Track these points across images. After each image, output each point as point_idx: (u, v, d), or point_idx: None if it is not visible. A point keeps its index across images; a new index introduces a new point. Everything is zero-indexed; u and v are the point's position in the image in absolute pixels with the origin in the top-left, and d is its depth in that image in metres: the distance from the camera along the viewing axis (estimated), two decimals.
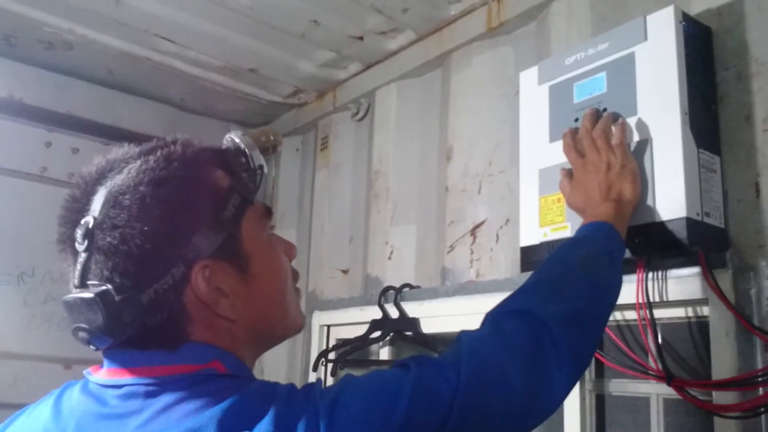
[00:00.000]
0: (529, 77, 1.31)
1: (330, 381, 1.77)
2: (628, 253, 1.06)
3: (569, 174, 1.11)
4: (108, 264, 0.66)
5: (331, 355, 1.77)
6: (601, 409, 1.24)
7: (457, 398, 0.65)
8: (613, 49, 1.15)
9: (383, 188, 1.82)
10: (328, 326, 1.90)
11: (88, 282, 0.67)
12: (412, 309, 1.60)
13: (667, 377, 1.06)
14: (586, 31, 1.38)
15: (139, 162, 0.72)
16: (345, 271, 1.92)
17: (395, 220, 1.76)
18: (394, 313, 1.63)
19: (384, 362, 1.67)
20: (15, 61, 2.02)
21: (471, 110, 1.61)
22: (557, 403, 0.77)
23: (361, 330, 1.71)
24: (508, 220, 1.46)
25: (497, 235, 1.47)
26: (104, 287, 0.65)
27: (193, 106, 2.30)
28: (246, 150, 0.78)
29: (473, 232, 1.53)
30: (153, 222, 0.67)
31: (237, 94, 2.15)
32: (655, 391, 1.15)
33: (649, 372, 1.09)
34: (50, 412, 0.71)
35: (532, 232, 1.21)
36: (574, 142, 1.10)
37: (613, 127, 1.07)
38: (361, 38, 1.79)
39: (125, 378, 0.68)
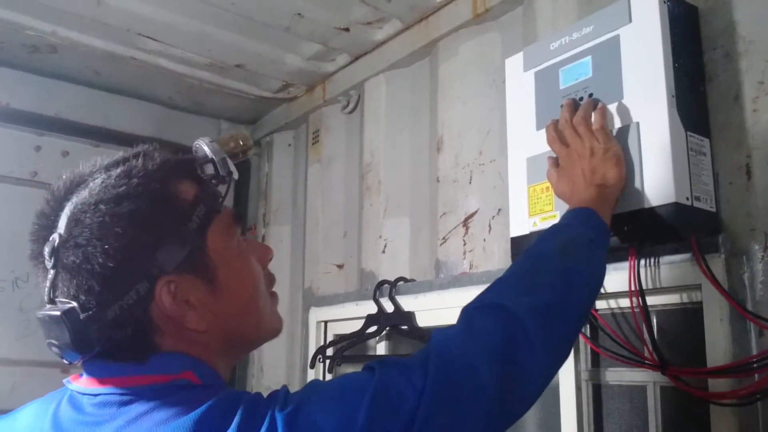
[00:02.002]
0: (514, 64, 1.28)
1: (328, 377, 1.76)
2: (618, 241, 1.05)
3: (556, 163, 1.09)
4: (73, 282, 0.67)
5: (329, 352, 1.76)
6: (597, 398, 1.22)
7: (423, 399, 0.64)
8: (597, 33, 1.13)
9: (375, 181, 1.80)
10: (325, 322, 1.89)
11: (56, 299, 0.68)
12: (407, 303, 1.59)
13: (662, 365, 1.04)
14: (572, 15, 1.35)
15: (101, 178, 0.71)
16: (340, 266, 1.91)
17: (388, 213, 1.75)
18: (389, 308, 1.61)
19: (381, 357, 1.66)
20: (0, 66, 2.00)
21: (460, 99, 1.58)
22: (534, 397, 0.75)
23: (358, 325, 1.70)
24: (500, 210, 1.44)
25: (489, 226, 1.45)
26: (70, 305, 0.66)
27: (183, 104, 2.27)
28: (213, 157, 0.77)
29: (465, 223, 1.51)
30: (113, 240, 0.67)
31: (226, 91, 2.13)
32: (652, 379, 1.13)
33: (645, 361, 1.08)
34: (50, 421, 0.71)
35: (522, 222, 1.19)
36: (557, 133, 1.08)
37: (593, 113, 1.05)
38: (347, 29, 1.76)
39: (100, 387, 0.68)
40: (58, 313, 0.66)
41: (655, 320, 1.14)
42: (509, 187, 1.23)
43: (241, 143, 0.85)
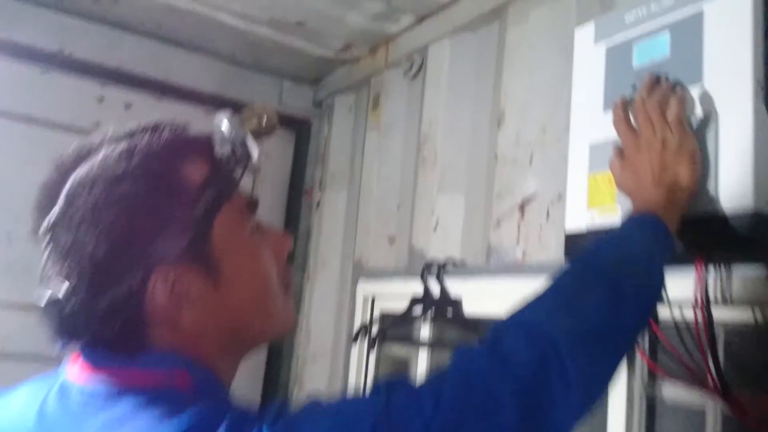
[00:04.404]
0: (584, 35, 1.14)
1: (371, 358, 1.71)
2: (683, 249, 0.92)
3: (621, 152, 0.96)
4: (64, 264, 0.62)
5: (374, 330, 1.70)
6: (651, 415, 1.10)
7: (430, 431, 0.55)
8: (678, 6, 0.98)
9: (431, 153, 1.69)
10: (373, 297, 1.82)
11: (49, 280, 0.64)
12: (454, 286, 1.49)
13: (721, 389, 0.91)
14: None
15: (105, 152, 0.65)
16: (392, 240, 1.82)
17: (442, 188, 1.64)
18: (436, 289, 1.52)
19: (423, 343, 1.58)
20: (63, 14, 1.98)
21: (527, 69, 1.45)
22: None
23: (405, 302, 1.62)
24: (560, 196, 1.31)
25: (548, 213, 1.33)
26: (59, 288, 0.61)
27: (245, 60, 2.21)
28: (231, 135, 0.69)
29: (522, 207, 1.39)
30: (106, 225, 0.61)
31: (287, 49, 2.05)
32: (714, 403, 1.00)
33: (704, 383, 0.95)
34: (37, 411, 0.67)
35: (579, 214, 1.07)
36: (626, 114, 0.95)
37: (671, 99, 0.91)
38: None
39: (91, 376, 0.64)
40: (47, 296, 0.62)
41: (722, 338, 1.00)
42: (568, 174, 1.11)
43: (266, 120, 0.78)
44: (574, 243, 1.08)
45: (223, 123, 0.70)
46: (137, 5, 1.88)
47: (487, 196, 1.50)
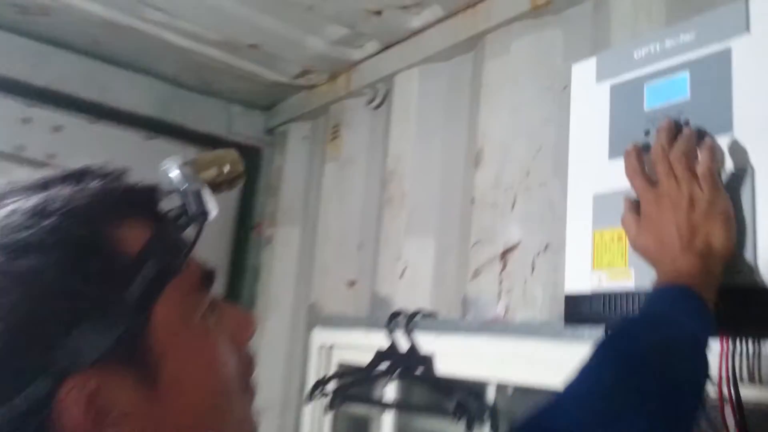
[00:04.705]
0: (584, 72, 1.02)
1: (327, 419, 1.54)
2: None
3: (635, 207, 0.84)
4: None
5: (331, 386, 1.53)
6: None
7: None
8: (700, 42, 0.86)
9: (398, 192, 1.55)
10: (330, 347, 1.65)
11: None
12: (425, 341, 1.34)
13: None
14: (658, 16, 1.09)
15: (12, 206, 0.47)
16: (352, 283, 1.67)
17: (410, 230, 1.50)
18: (404, 343, 1.37)
19: (388, 404, 1.42)
20: None
21: (508, 105, 1.33)
22: None
23: (366, 355, 1.46)
24: (547, 246, 1.18)
25: (533, 264, 1.20)
26: None
27: (190, 82, 2.03)
28: (183, 188, 0.53)
29: (504, 256, 1.26)
30: (2, 312, 0.43)
31: (238, 72, 1.89)
32: None
33: None
34: None
35: (582, 276, 0.94)
36: (641, 163, 0.84)
37: (699, 149, 0.80)
38: (379, 13, 1.51)
39: None
40: None
41: (746, 419, 0.88)
42: (568, 229, 0.98)
43: (228, 169, 0.60)
44: (575, 305, 0.95)
45: (173, 171, 0.53)
46: (71, 18, 1.69)
47: (462, 242, 1.37)
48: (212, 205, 0.54)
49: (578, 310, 0.94)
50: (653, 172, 0.82)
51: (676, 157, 0.80)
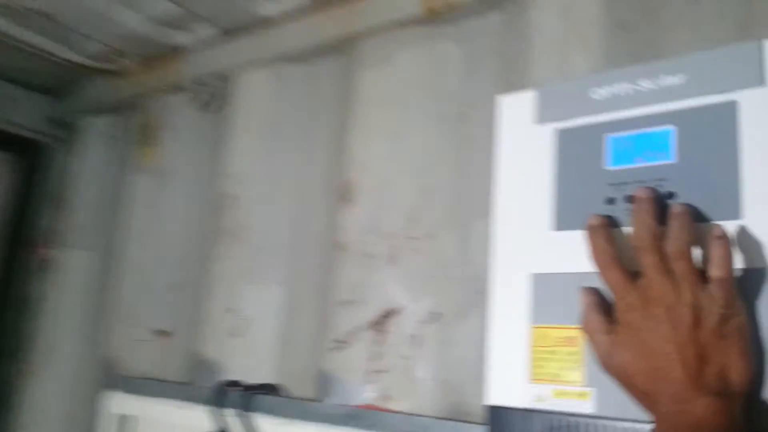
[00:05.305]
0: (516, 107, 0.78)
1: None
2: None
3: (603, 306, 0.62)
4: None
5: None
6: None
7: None
8: (693, 89, 0.65)
9: (235, 222, 1.21)
10: (131, 417, 1.26)
11: None
12: (266, 428, 1.03)
13: None
14: (595, 43, 0.88)
15: None
16: (164, 334, 1.30)
17: (251, 275, 1.17)
18: (237, 426, 1.05)
19: None
20: None
21: (389, 131, 1.05)
22: None
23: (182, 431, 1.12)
24: (440, 316, 0.93)
25: (419, 337, 0.94)
26: None
27: None
28: None
29: (379, 323, 0.98)
30: None
31: (20, 44, 1.42)
32: None
33: None
34: None
35: (513, 388, 0.69)
36: (613, 247, 0.62)
37: (712, 242, 0.58)
38: None
39: None
40: None
41: None
42: (491, 317, 0.73)
43: None
44: (501, 417, 0.70)
45: None
46: None
47: (322, 299, 1.07)
48: None
49: (506, 422, 0.69)
50: (630, 260, 0.60)
51: (676, 247, 0.57)
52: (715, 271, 0.56)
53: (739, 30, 0.78)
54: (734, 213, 0.60)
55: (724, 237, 0.58)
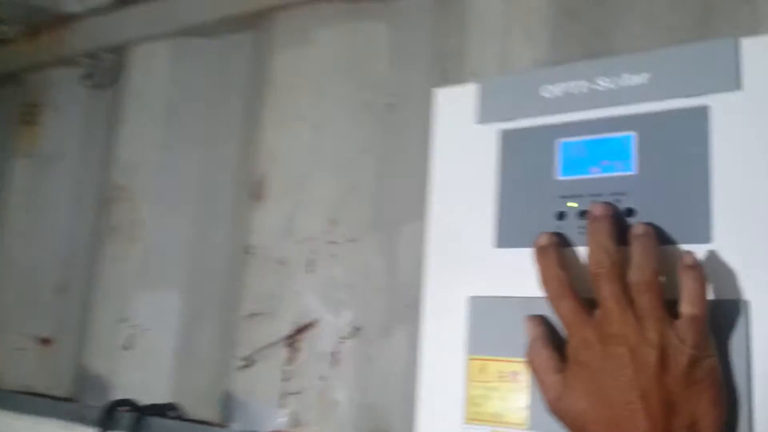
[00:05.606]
0: (455, 103, 0.68)
1: None
2: None
3: (550, 340, 0.54)
4: None
5: None
6: None
7: None
8: (658, 90, 0.57)
9: (128, 219, 1.06)
10: None
11: None
12: None
13: None
14: (537, 27, 0.79)
15: None
16: (45, 342, 1.14)
17: (145, 280, 1.03)
18: None
19: None
20: None
21: (306, 119, 0.94)
22: None
23: None
24: (358, 330, 0.83)
25: (338, 354, 0.84)
26: None
27: None
28: None
29: (293, 339, 0.87)
30: None
31: None
32: None
33: None
34: None
35: (443, 426, 0.60)
36: (565, 271, 0.54)
37: (683, 272, 0.50)
38: None
39: None
40: None
41: None
42: (421, 349, 0.64)
43: None
44: None
45: None
46: None
47: (228, 310, 0.94)
48: None
49: None
50: (583, 285, 0.52)
51: (640, 277, 0.50)
52: (687, 308, 0.48)
53: (695, 22, 0.71)
54: (703, 236, 0.53)
55: (697, 267, 0.50)
